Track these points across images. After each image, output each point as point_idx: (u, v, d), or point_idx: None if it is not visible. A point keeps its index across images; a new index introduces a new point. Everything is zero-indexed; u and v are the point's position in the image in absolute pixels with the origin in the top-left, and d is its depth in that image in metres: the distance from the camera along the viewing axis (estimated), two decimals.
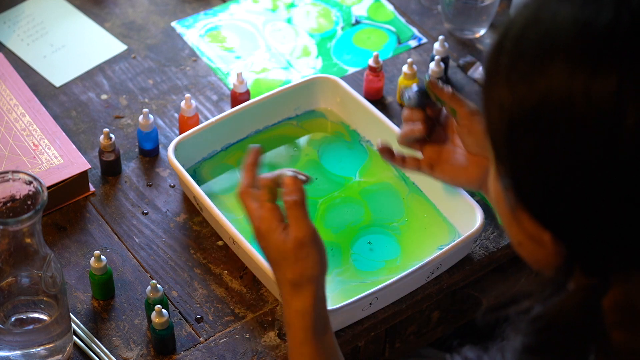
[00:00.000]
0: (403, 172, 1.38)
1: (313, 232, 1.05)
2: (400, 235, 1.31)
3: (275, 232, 1.05)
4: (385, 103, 1.49)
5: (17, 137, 1.37)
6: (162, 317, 1.17)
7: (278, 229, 1.05)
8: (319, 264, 1.06)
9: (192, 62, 1.55)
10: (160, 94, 1.50)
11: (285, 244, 1.04)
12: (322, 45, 1.59)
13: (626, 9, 0.73)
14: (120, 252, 1.30)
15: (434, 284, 1.28)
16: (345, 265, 1.28)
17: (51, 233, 1.31)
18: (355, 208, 1.35)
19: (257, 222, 1.06)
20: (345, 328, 1.23)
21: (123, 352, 1.20)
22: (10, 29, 1.59)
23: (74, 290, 1.26)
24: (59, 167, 1.33)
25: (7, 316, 1.13)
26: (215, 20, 1.62)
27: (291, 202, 1.05)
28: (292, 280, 1.05)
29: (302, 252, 1.04)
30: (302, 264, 1.04)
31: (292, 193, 1.05)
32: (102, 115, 1.47)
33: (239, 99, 1.45)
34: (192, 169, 1.37)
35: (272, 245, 1.05)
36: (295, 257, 1.04)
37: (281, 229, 1.05)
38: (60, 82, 1.51)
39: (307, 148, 1.42)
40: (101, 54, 1.56)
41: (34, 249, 1.09)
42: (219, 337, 1.22)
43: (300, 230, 1.04)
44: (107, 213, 1.34)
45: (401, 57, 1.57)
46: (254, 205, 1.07)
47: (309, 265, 1.05)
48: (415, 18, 1.63)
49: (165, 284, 1.27)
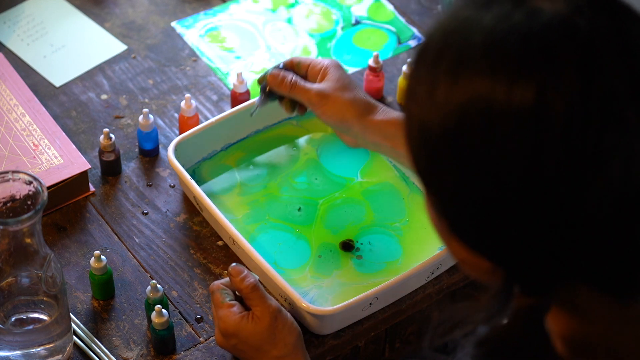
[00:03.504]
0: (404, 172, 1.38)
1: (277, 305, 1.13)
2: (402, 236, 1.31)
3: (242, 322, 1.12)
4: (385, 103, 1.49)
5: (17, 137, 1.37)
6: (162, 317, 1.17)
7: (244, 319, 1.12)
8: (295, 328, 1.13)
9: (192, 62, 1.55)
10: (160, 94, 1.50)
11: (259, 325, 1.11)
12: (322, 45, 1.59)
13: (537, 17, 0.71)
14: (120, 252, 1.30)
15: (434, 284, 1.28)
16: (346, 267, 1.28)
17: (51, 233, 1.31)
18: (356, 209, 1.35)
19: (221, 324, 1.13)
20: (345, 328, 1.23)
21: (123, 352, 1.20)
22: (10, 29, 1.58)
23: (74, 290, 1.26)
24: (59, 167, 1.33)
25: (7, 316, 1.13)
26: (215, 21, 1.62)
27: (249, 286, 1.13)
28: (280, 355, 1.12)
29: (279, 324, 1.11)
30: (281, 334, 1.11)
31: (245, 278, 1.13)
32: (102, 115, 1.47)
33: (239, 99, 1.45)
34: (192, 169, 1.37)
35: (246, 336, 1.12)
36: (273, 332, 1.11)
37: (247, 318, 1.12)
38: (60, 82, 1.51)
39: (307, 147, 1.42)
40: (101, 54, 1.56)
41: (34, 249, 1.09)
42: None
43: (269, 306, 1.12)
44: (107, 213, 1.34)
45: (401, 57, 1.57)
46: (214, 310, 1.15)
47: (287, 332, 1.12)
48: (415, 18, 1.63)
49: (165, 284, 1.27)
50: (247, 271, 1.15)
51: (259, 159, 1.40)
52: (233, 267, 1.15)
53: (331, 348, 1.22)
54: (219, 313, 1.13)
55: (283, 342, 1.12)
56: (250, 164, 1.39)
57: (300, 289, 1.24)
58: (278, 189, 1.36)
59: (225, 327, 1.12)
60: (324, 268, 1.28)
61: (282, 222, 1.32)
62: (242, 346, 1.13)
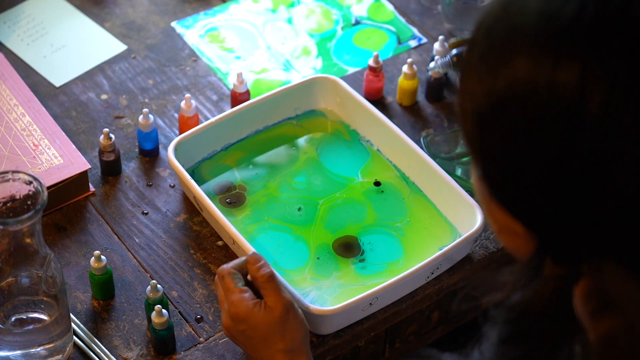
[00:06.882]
0: (404, 172, 1.38)
1: (290, 299, 1.12)
2: (403, 237, 1.31)
3: (254, 309, 1.10)
4: (385, 103, 1.49)
5: (17, 137, 1.37)
6: (162, 317, 1.17)
7: (257, 307, 1.10)
8: (304, 325, 1.12)
9: (192, 62, 1.55)
10: (160, 94, 1.50)
11: (271, 316, 1.10)
12: (322, 45, 1.59)
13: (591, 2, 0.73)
14: (120, 252, 1.30)
15: (434, 284, 1.28)
16: (346, 269, 1.28)
17: (51, 233, 1.31)
18: (358, 209, 1.35)
19: (232, 309, 1.11)
20: (345, 328, 1.23)
21: (123, 352, 1.20)
22: (10, 29, 1.58)
23: (74, 290, 1.26)
24: (59, 167, 1.33)
25: (7, 316, 1.13)
26: (215, 21, 1.62)
27: (266, 275, 1.11)
28: (285, 348, 1.10)
29: (290, 318, 1.10)
30: (290, 328, 1.11)
31: (263, 267, 1.12)
32: (102, 115, 1.47)
33: (239, 99, 1.45)
34: (192, 169, 1.37)
35: (255, 324, 1.10)
36: (284, 325, 1.10)
37: (260, 306, 1.11)
38: (60, 82, 1.51)
39: (307, 146, 1.42)
40: (101, 54, 1.56)
41: (34, 249, 1.09)
42: (219, 337, 1.22)
43: (282, 298, 1.11)
44: (107, 213, 1.34)
45: (401, 57, 1.57)
46: (222, 295, 1.13)
47: (296, 327, 1.11)
48: (415, 18, 1.63)
49: (165, 284, 1.27)
50: (264, 260, 1.13)
51: (258, 159, 1.40)
52: (251, 255, 1.14)
53: (331, 348, 1.22)
54: (231, 297, 1.11)
55: (291, 336, 1.11)
56: (250, 163, 1.39)
57: (300, 290, 1.24)
58: (277, 189, 1.36)
59: (237, 311, 1.11)
60: (323, 269, 1.28)
61: (281, 223, 1.32)
62: (250, 332, 1.11)
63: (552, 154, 0.74)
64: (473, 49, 0.79)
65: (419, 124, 1.47)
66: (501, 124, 0.76)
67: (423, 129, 1.46)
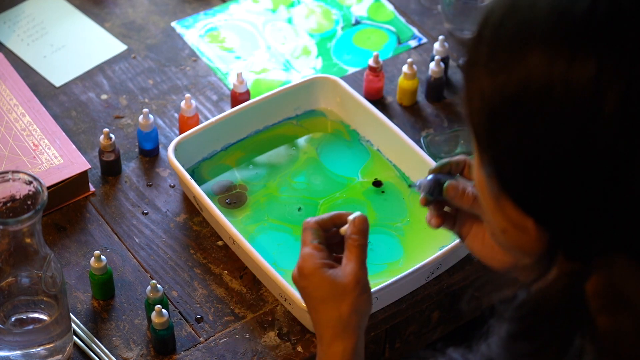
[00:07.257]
0: (404, 172, 1.38)
1: (367, 278, 1.05)
2: (403, 237, 1.31)
3: (320, 269, 1.05)
4: (385, 103, 1.49)
5: (17, 137, 1.37)
6: (162, 317, 1.17)
7: (324, 267, 1.05)
8: (367, 309, 1.06)
9: (192, 62, 1.55)
10: (160, 94, 1.50)
11: (336, 280, 1.04)
12: (322, 45, 1.59)
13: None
14: (120, 252, 1.30)
15: (434, 284, 1.28)
16: None
17: (51, 233, 1.31)
18: (358, 209, 1.34)
19: (301, 261, 1.06)
20: None
21: (123, 352, 1.20)
22: (10, 29, 1.58)
23: (74, 290, 1.26)
24: (59, 167, 1.33)
25: (7, 316, 1.13)
26: (215, 21, 1.62)
27: (358, 245, 1.05)
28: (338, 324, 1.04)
29: (357, 292, 1.04)
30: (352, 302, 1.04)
31: (361, 235, 1.06)
32: (102, 115, 1.47)
33: (239, 99, 1.45)
34: (192, 169, 1.37)
35: (318, 284, 1.05)
36: (345, 296, 1.04)
37: (326, 267, 1.05)
38: (60, 82, 1.51)
39: (307, 146, 1.42)
40: (101, 54, 1.56)
41: (34, 249, 1.09)
42: (219, 337, 1.22)
43: (359, 270, 1.04)
44: (107, 213, 1.34)
45: (401, 57, 1.57)
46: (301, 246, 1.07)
47: (358, 306, 1.04)
48: (415, 18, 1.63)
49: (165, 284, 1.27)
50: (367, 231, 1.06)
51: (258, 159, 1.40)
52: (360, 215, 1.07)
53: None
54: (303, 250, 1.07)
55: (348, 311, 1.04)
56: (250, 163, 1.39)
57: None
58: (277, 189, 1.36)
59: (303, 266, 1.06)
60: None
61: (281, 223, 1.32)
62: (310, 291, 1.06)
63: (567, 149, 0.74)
64: (480, 46, 0.78)
65: (419, 124, 1.47)
66: (515, 120, 0.75)
67: (423, 129, 1.46)
